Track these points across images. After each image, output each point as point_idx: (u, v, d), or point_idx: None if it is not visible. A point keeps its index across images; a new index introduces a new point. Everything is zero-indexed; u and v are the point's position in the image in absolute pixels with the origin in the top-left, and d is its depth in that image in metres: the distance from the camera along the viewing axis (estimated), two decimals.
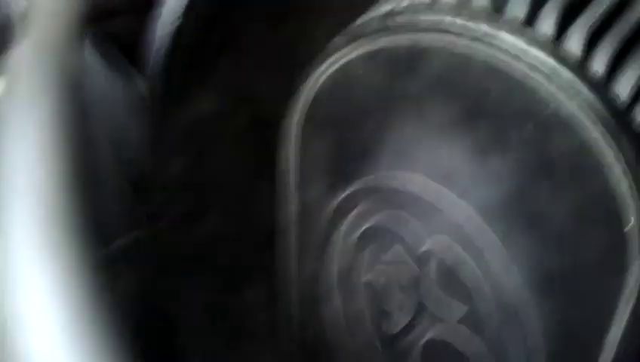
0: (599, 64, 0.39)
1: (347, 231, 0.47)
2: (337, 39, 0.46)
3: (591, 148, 0.37)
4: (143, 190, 0.45)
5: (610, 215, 0.37)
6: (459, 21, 0.40)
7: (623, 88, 0.39)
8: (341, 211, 0.47)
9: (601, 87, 0.38)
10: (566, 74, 0.39)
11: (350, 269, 0.46)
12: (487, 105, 0.39)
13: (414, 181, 0.43)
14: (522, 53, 0.39)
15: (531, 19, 0.40)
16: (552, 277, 0.39)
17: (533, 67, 0.39)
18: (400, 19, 0.43)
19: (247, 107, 0.51)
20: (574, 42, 0.39)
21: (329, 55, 0.46)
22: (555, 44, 0.39)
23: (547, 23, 0.40)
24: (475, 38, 0.40)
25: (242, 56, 0.52)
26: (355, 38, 0.44)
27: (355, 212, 0.46)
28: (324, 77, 0.45)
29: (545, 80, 0.38)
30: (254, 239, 0.51)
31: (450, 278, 0.42)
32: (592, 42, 0.39)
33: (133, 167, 0.45)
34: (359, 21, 0.46)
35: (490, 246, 0.40)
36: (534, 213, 0.39)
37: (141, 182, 0.45)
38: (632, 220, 0.36)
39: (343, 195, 0.46)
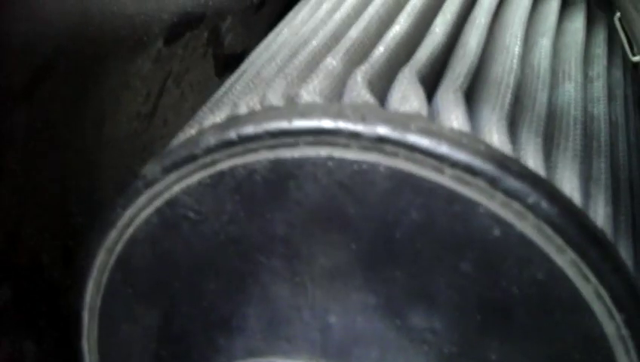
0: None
1: None
2: (150, 167, 0.31)
3: (564, 284, 0.28)
4: None
5: None
6: (344, 125, 0.29)
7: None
8: None
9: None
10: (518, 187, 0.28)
11: None
12: (399, 239, 0.29)
13: None
14: (449, 159, 0.28)
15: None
16: None
17: (469, 178, 0.28)
18: (248, 130, 0.30)
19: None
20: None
21: (139, 192, 0.32)
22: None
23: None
24: (372, 145, 0.28)
25: None
26: (176, 165, 0.32)
27: None
28: (135, 224, 0.33)
29: (486, 195, 0.28)
30: None
31: None
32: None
33: None
34: (178, 141, 0.32)
35: None
36: None
37: None
38: None
39: None
